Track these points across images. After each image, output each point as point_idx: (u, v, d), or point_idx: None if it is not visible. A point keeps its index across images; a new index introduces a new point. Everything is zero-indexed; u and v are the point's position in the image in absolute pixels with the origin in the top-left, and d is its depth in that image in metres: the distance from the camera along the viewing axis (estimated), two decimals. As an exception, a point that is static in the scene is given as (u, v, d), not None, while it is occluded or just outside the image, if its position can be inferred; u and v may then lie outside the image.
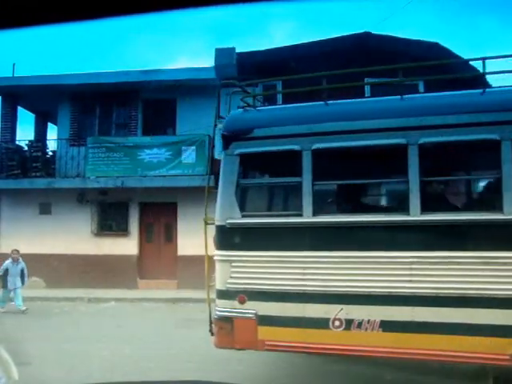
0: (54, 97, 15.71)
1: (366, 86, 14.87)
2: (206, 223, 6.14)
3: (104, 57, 44.94)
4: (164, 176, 14.20)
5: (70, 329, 9.96)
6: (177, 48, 49.81)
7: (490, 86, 8.51)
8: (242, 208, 5.46)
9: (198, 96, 15.06)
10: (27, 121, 18.91)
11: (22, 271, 12.14)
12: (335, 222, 5.19)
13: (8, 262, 12.13)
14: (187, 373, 6.42)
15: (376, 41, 14.03)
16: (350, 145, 5.16)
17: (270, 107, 5.83)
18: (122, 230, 15.29)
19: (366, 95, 14.88)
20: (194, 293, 13.84)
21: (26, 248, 15.22)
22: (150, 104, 15.61)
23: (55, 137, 16.31)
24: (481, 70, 5.25)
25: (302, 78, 13.75)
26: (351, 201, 6.20)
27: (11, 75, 16.07)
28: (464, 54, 14.77)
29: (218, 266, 5.58)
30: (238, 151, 5.48)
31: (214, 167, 14.10)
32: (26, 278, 12.25)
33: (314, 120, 5.32)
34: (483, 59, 5.32)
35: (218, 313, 5.41)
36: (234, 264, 5.36)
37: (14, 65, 16.35)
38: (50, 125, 18.94)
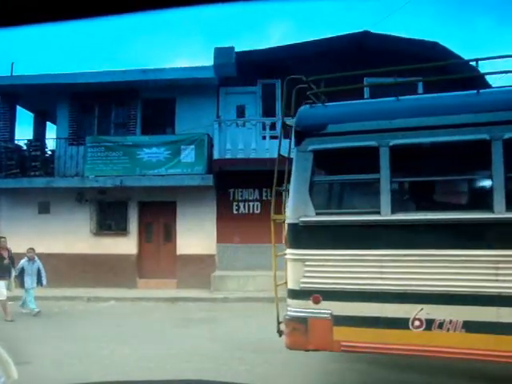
0: (53, 96, 15.68)
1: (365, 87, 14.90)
2: (274, 221, 6.08)
3: (102, 56, 44.88)
4: (163, 175, 14.19)
5: (69, 328, 9.95)
6: (173, 48, 49.73)
7: (490, 86, 8.52)
8: (316, 206, 5.29)
9: (197, 95, 15.08)
10: (26, 120, 18.86)
11: (39, 270, 11.89)
12: (415, 219, 5.05)
13: (24, 260, 11.87)
14: (188, 372, 6.43)
15: (375, 40, 14.05)
16: (430, 141, 5.07)
17: (337, 103, 5.68)
18: (121, 230, 15.27)
19: (366, 96, 14.95)
20: (193, 292, 13.88)
21: (25, 247, 15.20)
22: (149, 103, 15.59)
23: (54, 136, 16.26)
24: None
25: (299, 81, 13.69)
26: (431, 198, 6.08)
27: (10, 74, 16.02)
28: (461, 54, 14.71)
29: (290, 265, 5.40)
30: (311, 147, 5.33)
31: (212, 166, 14.14)
32: (43, 278, 11.98)
33: (391, 116, 5.21)
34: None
35: (290, 313, 5.27)
36: (307, 263, 5.21)
37: (12, 64, 16.33)
38: (48, 124, 18.92)
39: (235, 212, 14.91)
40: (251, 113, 15.21)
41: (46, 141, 17.00)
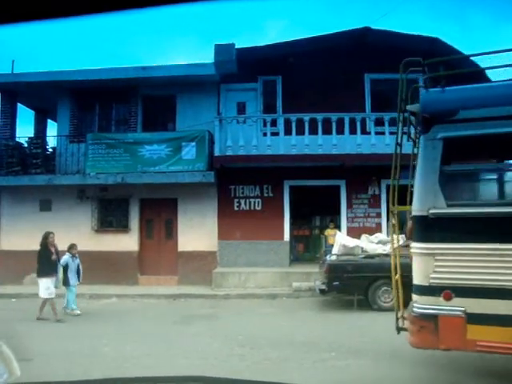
0: (53, 93, 15.67)
1: (365, 82, 14.91)
2: (393, 213, 5.69)
3: (100, 55, 44.81)
4: (164, 172, 14.19)
5: (70, 325, 9.98)
6: (168, 47, 49.70)
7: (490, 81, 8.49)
8: (447, 197, 4.98)
9: (197, 92, 15.07)
10: (27, 117, 18.88)
11: (78, 267, 11.44)
12: None
13: (67, 257, 11.30)
14: (189, 369, 6.43)
15: (376, 36, 14.03)
16: None
17: (461, 87, 5.34)
18: (123, 227, 15.29)
19: (366, 91, 14.96)
20: (194, 288, 13.90)
21: (27, 245, 15.25)
22: (149, 100, 15.58)
23: (55, 133, 16.27)
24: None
25: (302, 74, 13.66)
26: None
27: (10, 72, 16.00)
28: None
29: (417, 259, 5.13)
30: (441, 135, 5.03)
31: (213, 163, 14.14)
32: (81, 275, 11.48)
33: None
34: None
35: (418, 310, 5.02)
36: (438, 258, 4.95)
37: (13, 62, 16.32)
38: (49, 122, 18.92)
39: (236, 209, 14.91)
40: (252, 109, 15.20)
41: (47, 138, 17.03)
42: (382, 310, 10.57)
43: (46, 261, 10.67)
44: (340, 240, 11.34)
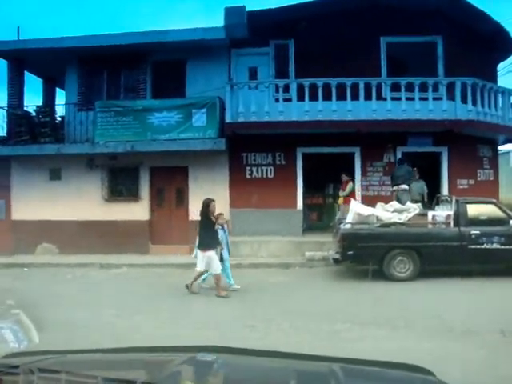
0: (61, 61, 15.32)
1: (381, 45, 14.39)
2: None
3: (101, 22, 44.06)
4: (174, 140, 13.89)
5: (81, 295, 9.86)
6: (170, 12, 48.78)
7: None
8: None
9: (207, 57, 14.66)
10: (35, 87, 18.60)
11: (227, 239, 10.51)
12: None
13: (219, 229, 10.09)
14: (199, 339, 6.26)
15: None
16: None
17: None
18: (133, 195, 15.11)
19: (382, 56, 14.44)
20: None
21: (38, 214, 15.23)
22: (158, 66, 15.18)
23: (64, 102, 15.99)
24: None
25: (315, 38, 13.20)
26: None
27: (16, 39, 15.68)
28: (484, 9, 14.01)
29: None
30: None
31: (225, 130, 13.83)
32: (230, 247, 10.59)
33: None
34: None
35: None
36: None
37: (18, 28, 15.96)
38: (59, 91, 18.64)
39: (248, 177, 14.62)
40: (264, 75, 14.76)
41: (56, 107, 16.76)
42: (397, 281, 10.37)
43: (208, 231, 9.59)
44: (354, 208, 11.02)
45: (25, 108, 15.93)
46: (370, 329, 6.88)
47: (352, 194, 13.61)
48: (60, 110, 16.04)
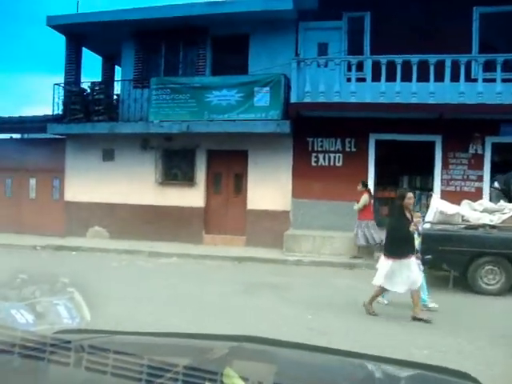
0: (118, 35, 14.45)
1: (473, 16, 12.54)
2: None
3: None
4: (234, 120, 12.68)
5: (124, 285, 8.88)
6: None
7: None
8: None
9: (273, 31, 13.37)
10: (97, 66, 17.91)
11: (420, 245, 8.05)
12: None
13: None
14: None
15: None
16: None
17: None
18: (188, 180, 14.06)
19: (473, 29, 12.56)
20: (262, 251, 12.56)
21: (90, 196, 14.54)
22: (219, 41, 13.98)
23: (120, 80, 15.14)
24: None
25: (395, 10, 11.53)
26: None
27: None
28: None
29: None
30: None
31: (289, 111, 12.48)
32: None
33: None
34: None
35: None
36: None
37: (78, 3, 15.27)
38: (118, 69, 17.88)
39: (314, 164, 13.19)
40: (335, 51, 13.22)
41: (113, 86, 15.91)
42: (483, 294, 8.73)
43: (401, 232, 7.12)
44: (436, 205, 9.40)
45: (80, 85, 15.16)
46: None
47: (367, 208, 11.76)
48: (116, 88, 15.26)
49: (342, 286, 9.39)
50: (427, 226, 9.27)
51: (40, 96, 42.19)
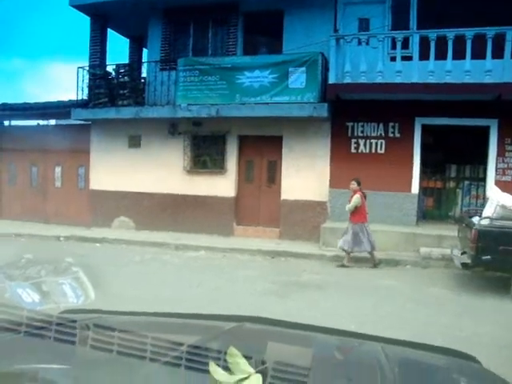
0: (144, 14, 13.61)
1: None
2: None
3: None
4: (267, 103, 11.69)
5: (144, 283, 8.09)
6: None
7: None
8: None
9: (309, 7, 12.29)
10: (124, 49, 17.16)
11: None
12: None
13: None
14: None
15: None
16: None
17: None
18: (218, 168, 13.17)
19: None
20: (297, 245, 11.64)
21: (116, 185, 13.88)
22: (251, 18, 12.96)
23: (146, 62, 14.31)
24: None
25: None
26: None
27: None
28: None
29: None
30: None
31: (327, 93, 11.44)
32: None
33: None
34: None
35: None
36: None
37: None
38: (146, 52, 17.06)
39: (353, 151, 12.10)
40: (377, 27, 12.05)
41: (139, 69, 15.08)
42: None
43: None
44: (497, 198, 8.24)
45: (105, 68, 14.39)
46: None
47: (360, 210, 10.19)
48: (144, 72, 14.42)
49: (390, 290, 8.35)
50: (485, 221, 8.14)
51: (67, 83, 41.93)
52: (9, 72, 46.48)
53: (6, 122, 16.40)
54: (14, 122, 16.52)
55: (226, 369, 1.22)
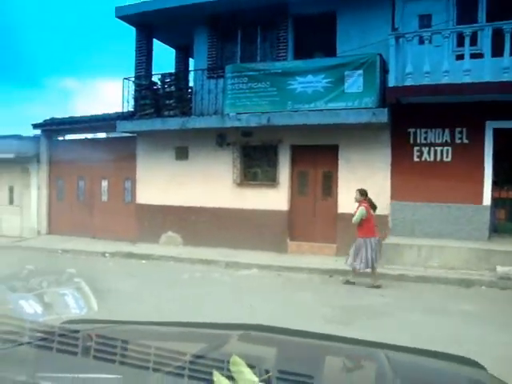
0: (190, 22, 13.08)
1: None
2: None
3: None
4: (321, 110, 10.87)
5: (193, 305, 7.39)
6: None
7: None
8: None
9: (364, 5, 11.45)
10: (170, 60, 16.70)
11: None
12: None
13: None
14: None
15: None
16: None
17: None
18: (270, 180, 12.41)
19: None
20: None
21: (163, 198, 13.39)
22: (302, 20, 12.23)
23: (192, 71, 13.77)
24: None
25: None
26: None
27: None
28: None
29: None
30: None
31: (387, 97, 10.56)
32: None
33: None
34: None
35: None
36: None
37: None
38: (192, 62, 16.57)
39: (416, 159, 11.08)
40: (440, 24, 11.07)
41: (185, 78, 14.55)
42: None
43: None
44: None
45: (151, 79, 13.93)
46: None
47: (366, 223, 9.20)
48: (187, 80, 13.88)
49: (469, 316, 7.33)
50: None
51: (116, 99, 42.42)
52: (61, 90, 47.61)
53: (55, 137, 16.26)
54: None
55: (230, 378, 1.20)
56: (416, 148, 11.07)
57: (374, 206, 9.42)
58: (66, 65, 57.31)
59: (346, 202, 11.48)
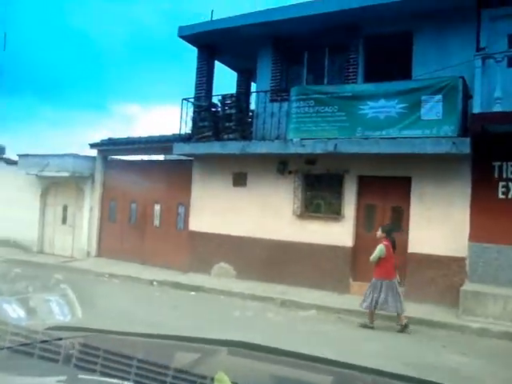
0: (254, 43, 12.48)
1: None
2: None
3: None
4: (395, 138, 9.83)
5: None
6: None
7: None
8: None
9: (443, 24, 10.47)
10: (231, 83, 16.14)
11: None
12: None
13: None
14: None
15: None
16: None
17: None
18: (334, 213, 11.39)
19: None
20: (429, 310, 9.48)
21: (217, 227, 12.64)
22: (374, 41, 11.30)
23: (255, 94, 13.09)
24: None
25: None
26: None
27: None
28: None
29: None
30: None
31: (469, 126, 9.42)
32: None
33: None
34: None
35: None
36: None
37: (212, 12, 13.45)
38: (254, 86, 15.97)
39: (502, 196, 9.78)
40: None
41: (248, 101, 13.90)
42: None
43: None
44: None
45: (211, 99, 13.33)
46: None
47: (384, 263, 8.48)
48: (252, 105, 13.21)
49: None
50: None
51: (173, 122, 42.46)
52: (127, 116, 48.49)
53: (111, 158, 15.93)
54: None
55: None
56: (502, 183, 9.79)
57: (394, 246, 8.74)
58: (127, 90, 58.60)
59: (418, 240, 10.37)
